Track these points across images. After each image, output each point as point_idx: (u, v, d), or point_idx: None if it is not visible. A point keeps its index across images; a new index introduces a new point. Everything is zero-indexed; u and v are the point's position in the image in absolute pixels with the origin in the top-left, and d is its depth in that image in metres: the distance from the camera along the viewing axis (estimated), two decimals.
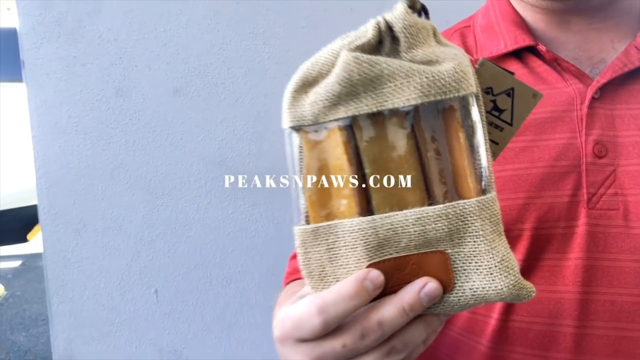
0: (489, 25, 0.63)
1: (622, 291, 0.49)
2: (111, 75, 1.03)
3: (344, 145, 0.34)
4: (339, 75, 0.33)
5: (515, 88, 0.37)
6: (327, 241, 0.36)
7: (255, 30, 1.07)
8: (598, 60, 0.58)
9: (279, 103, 0.96)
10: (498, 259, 0.35)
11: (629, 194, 0.51)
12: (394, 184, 0.35)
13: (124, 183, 1.07)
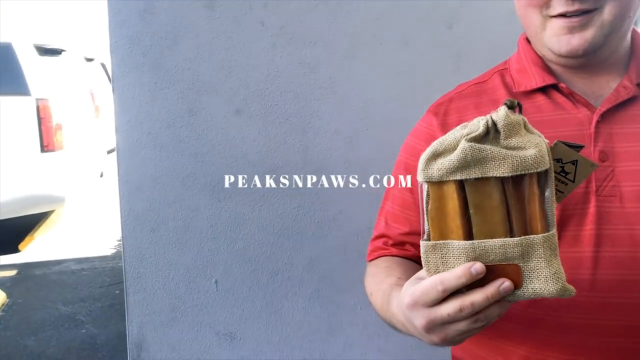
0: (522, 68, 0.89)
1: (620, 249, 0.75)
2: (185, 98, 1.25)
3: (457, 194, 0.60)
4: (458, 156, 0.59)
5: (578, 160, 0.64)
6: (441, 252, 0.60)
7: (303, 60, 1.31)
8: (599, 95, 0.84)
9: (321, 121, 1.28)
10: (552, 271, 0.58)
11: (623, 185, 0.77)
12: (487, 220, 0.59)
13: (192, 189, 1.29)
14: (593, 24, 0.76)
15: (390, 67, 1.41)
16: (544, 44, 0.82)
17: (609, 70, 0.85)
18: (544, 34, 0.81)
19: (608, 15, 0.76)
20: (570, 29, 0.77)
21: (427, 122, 0.94)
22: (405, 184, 0.96)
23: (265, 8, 1.29)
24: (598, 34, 0.77)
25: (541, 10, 0.79)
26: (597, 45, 0.78)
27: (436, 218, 0.61)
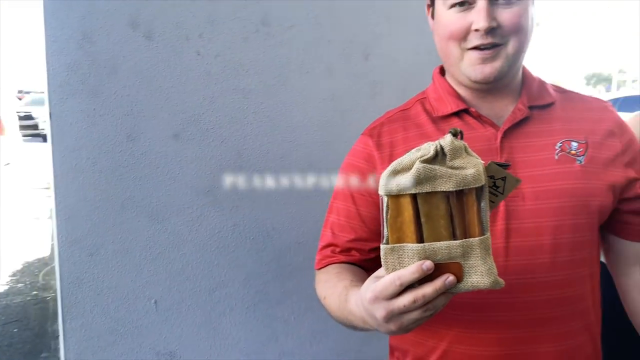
0: (439, 97, 1.07)
1: (525, 239, 0.96)
2: (124, 123, 1.31)
3: (412, 205, 0.77)
4: (414, 174, 0.76)
5: (506, 177, 0.81)
6: (398, 253, 0.74)
7: (237, 87, 1.43)
8: (500, 116, 1.05)
9: (254, 143, 1.40)
10: (487, 267, 0.74)
11: (524, 188, 0.98)
12: (435, 226, 0.73)
13: (131, 212, 1.35)
14: (500, 56, 0.97)
15: (316, 93, 1.57)
16: (462, 72, 1.01)
17: (507, 96, 1.06)
18: (462, 64, 1.00)
19: (511, 49, 0.98)
20: (483, 59, 0.97)
21: (364, 143, 1.10)
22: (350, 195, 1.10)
23: (200, 38, 1.39)
24: (504, 64, 0.98)
25: (460, 43, 0.99)
26: (503, 73, 0.99)
27: (394, 225, 0.74)
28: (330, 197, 1.64)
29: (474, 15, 0.94)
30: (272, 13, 1.50)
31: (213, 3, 1.41)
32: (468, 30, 0.96)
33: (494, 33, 0.95)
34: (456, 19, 0.97)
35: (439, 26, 1.02)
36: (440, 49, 1.04)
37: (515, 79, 1.07)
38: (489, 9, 0.93)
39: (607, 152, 1.04)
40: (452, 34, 0.98)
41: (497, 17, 0.94)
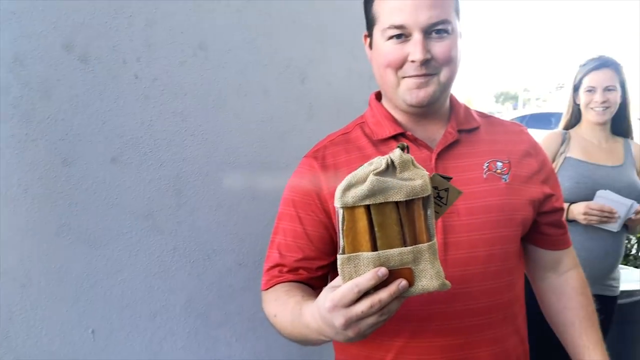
0: (377, 121, 1.14)
1: (461, 252, 1.05)
2: (58, 149, 1.28)
3: (366, 216, 0.82)
4: (368, 186, 0.81)
5: (449, 188, 0.87)
6: (354, 262, 0.78)
7: (175, 110, 1.44)
8: (433, 139, 1.13)
9: (193, 166, 1.43)
10: (435, 271, 0.79)
11: (458, 205, 1.05)
12: (388, 235, 0.78)
13: (67, 239, 1.32)
14: (433, 83, 1.06)
15: (254, 116, 1.60)
16: (398, 97, 1.08)
17: (438, 121, 1.14)
18: (399, 90, 1.08)
19: (443, 78, 1.06)
20: (418, 85, 1.05)
21: (309, 165, 1.15)
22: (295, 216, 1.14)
23: (138, 62, 1.39)
24: (437, 90, 1.07)
25: (396, 71, 1.06)
26: (435, 98, 1.07)
27: (350, 236, 0.79)
28: (270, 215, 1.67)
29: (410, 47, 1.03)
30: (209, 38, 1.52)
31: (150, 27, 1.41)
32: (404, 60, 1.04)
33: (428, 64, 1.04)
34: (393, 50, 1.05)
35: (377, 55, 1.09)
36: (378, 76, 1.12)
37: (445, 105, 1.16)
38: (424, 42, 1.02)
39: (527, 171, 1.16)
40: (389, 63, 1.06)
41: (430, 49, 1.03)
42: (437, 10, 1.02)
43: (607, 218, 2.01)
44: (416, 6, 1.01)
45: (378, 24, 1.07)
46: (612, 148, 2.18)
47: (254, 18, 1.60)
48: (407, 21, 1.01)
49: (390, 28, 1.03)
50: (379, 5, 1.07)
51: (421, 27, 1.01)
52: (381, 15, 1.06)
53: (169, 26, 1.45)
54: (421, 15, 1.01)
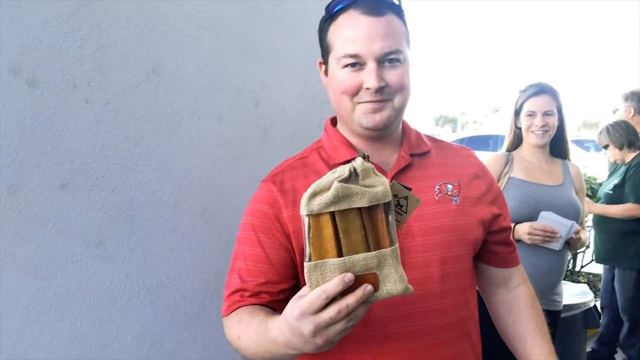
0: (333, 146, 1.16)
1: (417, 272, 1.09)
2: (4, 175, 1.24)
3: (331, 222, 0.83)
4: (333, 193, 0.83)
5: (408, 196, 0.90)
6: (320, 269, 0.80)
7: (128, 134, 1.41)
8: (387, 162, 1.16)
9: (146, 191, 1.41)
10: (399, 275, 0.82)
11: (413, 226, 1.09)
12: (352, 241, 0.80)
13: (12, 270, 1.27)
14: (388, 108, 1.10)
15: (207, 140, 1.60)
16: (354, 121, 1.11)
17: (392, 145, 1.18)
18: (355, 114, 1.11)
19: (397, 104, 1.11)
20: (374, 109, 1.09)
21: (268, 189, 1.16)
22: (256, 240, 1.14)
23: (89, 86, 1.37)
24: (391, 114, 1.10)
25: (352, 98, 1.09)
26: (390, 122, 1.11)
27: (316, 243, 0.80)
28: (225, 240, 1.66)
29: (365, 76, 1.07)
30: (163, 62, 1.51)
31: (102, 51, 1.39)
32: (360, 87, 1.08)
33: (382, 91, 1.08)
34: (349, 77, 1.08)
35: (333, 82, 1.12)
36: (334, 102, 1.15)
37: (397, 130, 1.20)
38: (378, 70, 1.06)
39: (475, 193, 1.21)
40: (345, 90, 1.09)
41: (384, 77, 1.07)
42: (390, 40, 1.06)
43: (550, 237, 2.11)
44: (370, 36, 1.04)
45: (333, 52, 1.11)
46: (551, 169, 2.31)
47: (207, 43, 1.60)
48: (362, 51, 1.05)
49: (345, 57, 1.07)
50: (333, 34, 1.11)
51: (375, 57, 1.05)
52: (336, 44, 1.10)
53: (121, 50, 1.43)
54: (375, 45, 1.04)
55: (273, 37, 1.74)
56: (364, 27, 1.05)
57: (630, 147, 3.50)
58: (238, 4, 1.66)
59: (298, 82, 1.79)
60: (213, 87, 1.61)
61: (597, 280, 5.08)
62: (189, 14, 1.56)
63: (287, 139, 1.76)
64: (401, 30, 1.10)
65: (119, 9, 1.42)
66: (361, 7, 1.06)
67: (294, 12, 1.78)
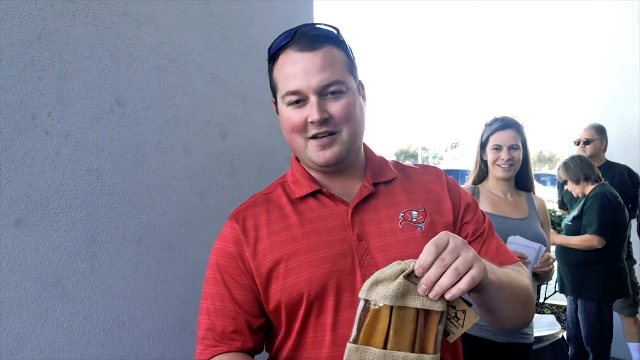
0: (295, 180, 1.16)
1: None
2: None
3: (388, 316, 0.85)
4: (395, 287, 0.84)
5: (466, 310, 0.90)
6: (361, 354, 0.85)
7: (90, 168, 1.36)
8: (350, 193, 1.16)
9: (109, 226, 1.36)
10: None
11: (376, 257, 1.10)
12: (400, 338, 0.85)
13: None
14: (337, 142, 1.10)
15: (173, 173, 1.55)
16: (308, 158, 1.10)
17: (353, 175, 1.18)
18: (307, 151, 1.12)
19: (345, 136, 1.11)
20: (322, 146, 1.09)
21: (231, 228, 1.14)
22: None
23: (49, 117, 1.32)
24: (342, 148, 1.11)
25: (302, 134, 1.08)
26: (343, 157, 1.11)
27: (368, 331, 0.85)
28: (191, 278, 1.60)
29: (308, 110, 1.07)
30: (127, 93, 1.47)
31: (63, 82, 1.34)
32: (305, 122, 1.08)
33: (327, 123, 1.08)
34: (294, 114, 1.09)
35: (283, 121, 1.13)
36: (288, 141, 1.16)
37: (358, 160, 1.19)
38: (320, 103, 1.07)
39: (444, 216, 1.18)
40: (293, 128, 1.10)
41: (327, 109, 1.08)
42: (328, 72, 1.06)
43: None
44: (307, 71, 1.05)
45: (278, 91, 1.12)
46: (517, 202, 2.33)
47: (173, 75, 1.57)
48: (301, 86, 1.05)
49: (287, 95, 1.08)
50: (276, 74, 1.12)
51: (314, 90, 1.05)
52: (279, 83, 1.11)
53: (83, 81, 1.39)
54: (312, 79, 1.05)
55: (240, 69, 1.73)
56: (301, 64, 1.06)
57: (586, 180, 3.61)
58: (204, 36, 1.65)
59: (266, 115, 1.77)
60: (179, 120, 1.58)
61: (560, 311, 5.15)
62: (155, 45, 1.53)
63: (255, 173, 1.73)
64: (341, 61, 1.10)
65: (81, 38, 1.38)
66: (296, 44, 1.07)
67: (261, 44, 1.77)
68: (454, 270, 0.84)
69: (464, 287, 0.84)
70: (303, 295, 1.05)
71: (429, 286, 0.85)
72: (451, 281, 0.84)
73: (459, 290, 0.84)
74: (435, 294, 0.84)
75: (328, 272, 1.06)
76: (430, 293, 0.84)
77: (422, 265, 0.85)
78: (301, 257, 1.07)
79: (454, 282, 0.84)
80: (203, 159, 1.62)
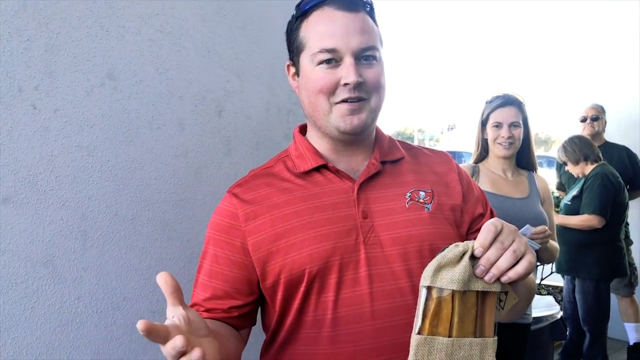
0: (300, 154, 1.11)
1: (387, 284, 1.04)
2: None
3: (451, 302, 0.81)
4: (462, 270, 0.81)
5: (509, 292, 0.88)
6: (429, 345, 0.82)
7: (80, 144, 1.31)
8: (356, 170, 1.11)
9: (101, 204, 1.30)
10: None
11: (381, 235, 1.04)
12: (465, 324, 0.82)
13: None
14: (365, 109, 1.05)
15: (167, 150, 1.50)
16: (331, 124, 1.05)
17: (362, 151, 1.13)
18: (331, 116, 1.06)
19: (374, 104, 1.07)
20: (351, 111, 1.04)
21: (229, 202, 1.10)
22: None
23: (37, 90, 1.26)
24: (369, 117, 1.06)
25: (328, 97, 1.04)
26: (367, 126, 1.07)
27: (433, 320, 0.82)
28: (187, 257, 1.56)
29: (343, 72, 1.01)
30: (119, 67, 1.41)
31: (51, 53, 1.28)
32: (337, 84, 1.02)
33: (360, 88, 1.02)
34: (324, 74, 1.02)
35: (307, 82, 1.06)
36: (308, 104, 1.08)
37: (370, 137, 1.15)
38: (357, 65, 1.01)
39: (452, 199, 1.15)
40: (322, 89, 1.03)
41: (362, 74, 1.02)
42: (367, 36, 1.02)
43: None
44: (347, 31, 1.00)
45: (307, 49, 1.05)
46: (518, 181, 2.28)
47: (167, 48, 1.51)
48: (339, 45, 1.00)
49: (321, 52, 1.02)
50: (307, 31, 1.05)
51: (352, 51, 1.01)
52: (310, 40, 1.04)
53: (72, 53, 1.32)
54: (352, 40, 1.00)
55: (237, 42, 1.66)
56: (341, 22, 1.01)
57: (586, 160, 3.58)
58: (199, 8, 1.58)
59: (263, 91, 1.71)
60: (173, 95, 1.52)
61: (557, 292, 5.16)
62: (148, 16, 1.47)
63: (251, 150, 1.67)
64: (375, 30, 1.07)
65: (69, 8, 1.31)
66: (336, 3, 1.02)
67: (259, 17, 1.71)
68: (512, 252, 0.83)
69: (522, 271, 0.83)
70: (304, 272, 1.01)
71: (487, 268, 0.83)
72: (510, 263, 0.83)
73: (516, 273, 0.83)
74: (492, 276, 0.83)
75: (331, 249, 1.01)
76: (487, 275, 0.83)
77: (482, 245, 0.83)
78: (304, 232, 1.03)
79: (512, 265, 0.83)
80: (198, 136, 1.57)
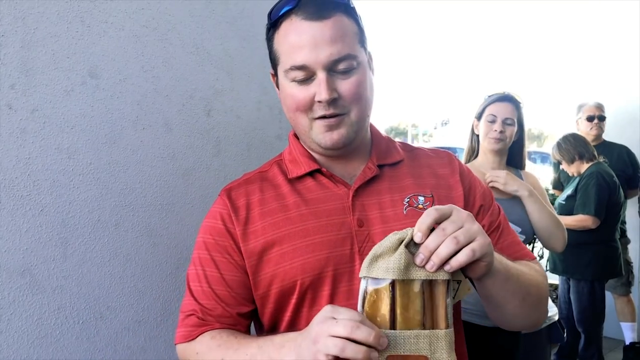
0: (293, 159, 1.05)
1: None
2: None
3: (390, 292, 0.76)
4: (397, 258, 0.76)
5: (461, 281, 0.84)
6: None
7: (60, 146, 1.23)
8: (352, 175, 1.05)
9: (82, 209, 1.23)
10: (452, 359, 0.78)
11: (376, 243, 0.95)
12: (409, 315, 0.77)
13: None
14: (345, 124, 0.99)
15: (153, 152, 1.43)
16: (312, 140, 0.99)
17: (358, 156, 1.07)
18: (312, 132, 1.00)
19: (354, 117, 1.00)
20: (330, 127, 0.98)
21: (222, 204, 1.04)
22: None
23: (12, 89, 1.19)
24: (350, 130, 1.00)
25: (307, 114, 0.97)
26: (350, 139, 1.00)
27: (370, 312, 0.78)
28: (174, 264, 1.49)
29: (316, 87, 0.95)
30: (101, 64, 1.33)
31: (27, 50, 1.21)
32: (312, 101, 0.97)
33: (336, 104, 0.97)
34: (299, 91, 0.97)
35: (285, 97, 1.02)
36: (289, 119, 1.04)
37: (364, 141, 1.09)
38: (329, 81, 0.94)
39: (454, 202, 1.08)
40: (298, 107, 0.99)
41: (337, 88, 0.96)
42: (339, 45, 0.93)
43: None
44: (316, 43, 0.92)
45: (280, 64, 0.99)
46: None
47: (152, 44, 1.44)
48: (308, 60, 0.93)
49: (292, 69, 0.95)
50: (278, 43, 0.98)
51: (323, 65, 0.93)
52: (282, 54, 0.97)
53: (51, 49, 1.25)
54: (322, 53, 0.92)
55: (227, 38, 1.59)
56: (308, 35, 0.93)
57: (581, 159, 3.53)
58: (187, 2, 1.51)
59: (254, 89, 1.64)
60: (159, 93, 1.44)
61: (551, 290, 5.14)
62: (132, 11, 1.39)
63: (242, 151, 1.60)
64: (352, 31, 0.97)
65: (48, 2, 1.24)
66: (303, 11, 0.93)
67: (249, 12, 1.64)
68: (452, 238, 0.77)
69: (463, 259, 0.77)
70: (296, 283, 0.96)
71: (427, 256, 0.78)
72: (450, 250, 0.77)
73: (457, 262, 0.77)
74: (433, 265, 0.78)
75: (325, 259, 0.96)
76: (428, 264, 0.78)
77: (420, 229, 0.78)
78: (296, 240, 0.97)
79: (453, 253, 0.77)
80: (186, 137, 1.49)
